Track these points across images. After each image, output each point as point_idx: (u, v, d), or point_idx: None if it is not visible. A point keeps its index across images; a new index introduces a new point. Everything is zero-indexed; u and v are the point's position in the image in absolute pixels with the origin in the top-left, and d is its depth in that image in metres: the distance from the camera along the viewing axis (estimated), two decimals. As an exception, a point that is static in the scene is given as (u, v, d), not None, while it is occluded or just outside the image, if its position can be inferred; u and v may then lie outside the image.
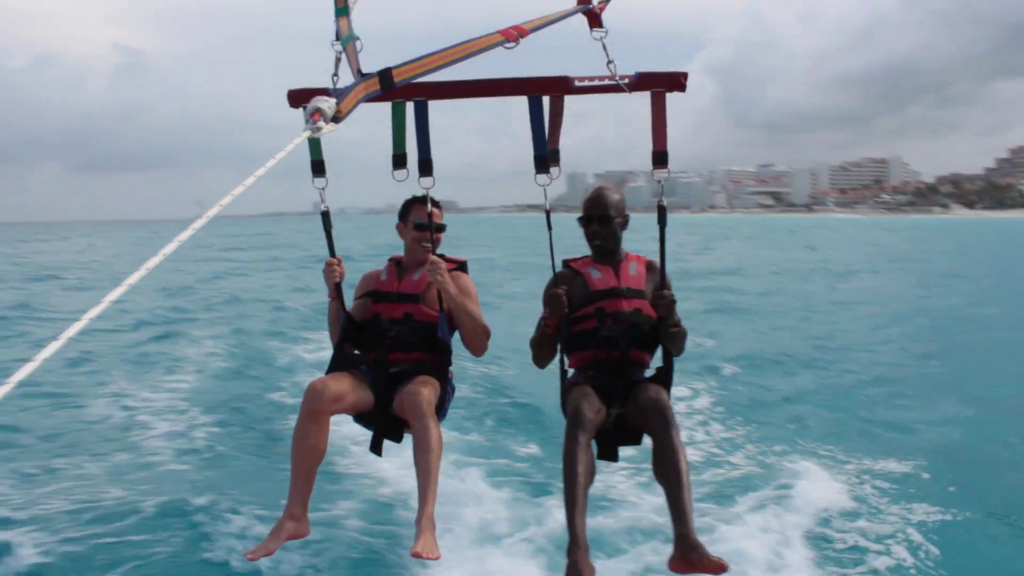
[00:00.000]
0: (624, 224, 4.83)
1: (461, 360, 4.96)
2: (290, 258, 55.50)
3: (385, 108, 4.37)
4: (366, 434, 4.76)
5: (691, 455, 4.21)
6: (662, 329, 4.57)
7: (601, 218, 4.73)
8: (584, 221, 4.80)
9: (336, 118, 2.96)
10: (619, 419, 4.48)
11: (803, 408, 14.34)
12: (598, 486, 4.69)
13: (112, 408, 13.86)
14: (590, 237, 4.81)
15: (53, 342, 1.87)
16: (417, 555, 3.81)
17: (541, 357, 4.73)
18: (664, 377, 4.57)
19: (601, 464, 4.45)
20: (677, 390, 6.46)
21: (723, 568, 3.75)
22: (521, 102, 4.43)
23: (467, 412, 13.47)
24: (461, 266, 4.92)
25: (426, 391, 4.38)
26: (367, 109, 3.21)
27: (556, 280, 4.61)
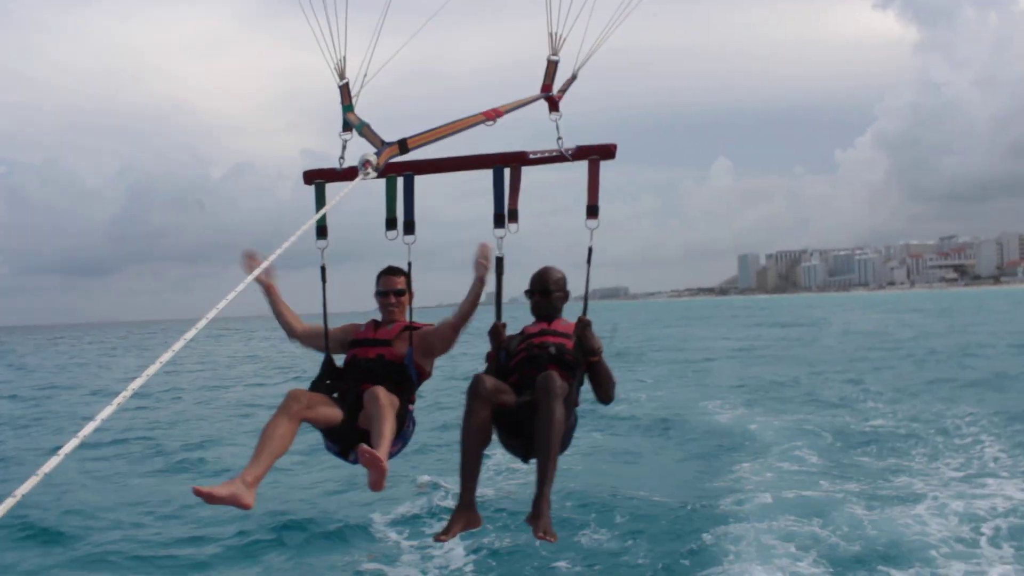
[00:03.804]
0: (564, 298, 5.71)
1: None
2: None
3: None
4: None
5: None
6: (582, 358, 5.24)
7: (542, 291, 5.67)
8: (529, 294, 5.71)
9: (376, 168, 4.55)
10: (524, 405, 5.07)
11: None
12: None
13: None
14: (533, 306, 5.69)
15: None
16: (366, 450, 4.47)
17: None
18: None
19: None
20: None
21: (551, 539, 4.61)
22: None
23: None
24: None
25: (385, 393, 5.04)
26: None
27: (498, 346, 5.52)
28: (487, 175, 5.52)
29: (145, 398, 27.69)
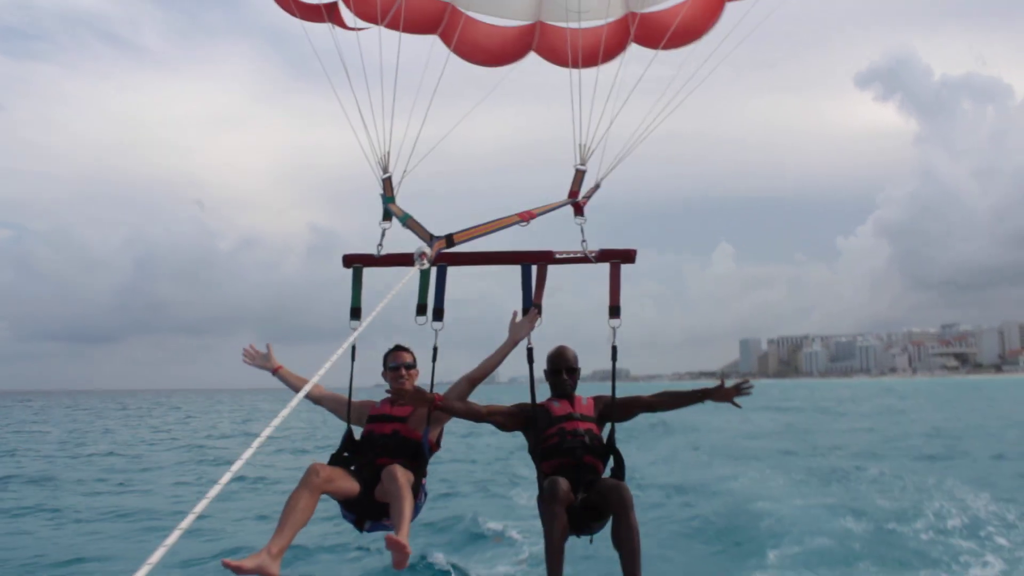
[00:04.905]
0: (579, 374, 6.08)
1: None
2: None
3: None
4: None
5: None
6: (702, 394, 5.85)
7: (569, 370, 6.01)
8: (553, 372, 5.99)
9: (430, 260, 5.15)
10: (584, 502, 5.53)
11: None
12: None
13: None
14: (557, 384, 5.99)
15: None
16: (393, 539, 4.83)
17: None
18: (618, 473, 5.78)
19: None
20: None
21: None
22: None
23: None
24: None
25: (403, 471, 5.40)
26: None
27: (525, 407, 5.90)
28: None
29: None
